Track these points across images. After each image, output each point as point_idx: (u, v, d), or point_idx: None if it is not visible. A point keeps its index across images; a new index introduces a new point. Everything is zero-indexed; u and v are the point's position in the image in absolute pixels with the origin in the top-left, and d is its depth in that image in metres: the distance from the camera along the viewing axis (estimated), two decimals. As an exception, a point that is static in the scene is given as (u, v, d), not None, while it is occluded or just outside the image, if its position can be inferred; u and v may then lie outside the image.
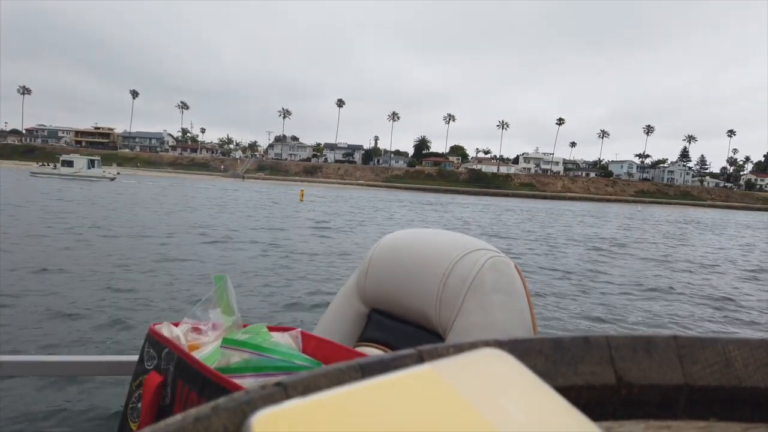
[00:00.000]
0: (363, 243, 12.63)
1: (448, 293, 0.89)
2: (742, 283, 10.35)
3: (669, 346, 0.31)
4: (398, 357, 0.27)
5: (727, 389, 0.30)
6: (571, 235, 19.29)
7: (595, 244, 16.23)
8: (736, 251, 16.86)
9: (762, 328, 6.77)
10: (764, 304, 8.30)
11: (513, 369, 0.24)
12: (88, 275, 7.03)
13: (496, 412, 0.21)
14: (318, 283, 7.47)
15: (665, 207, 74.90)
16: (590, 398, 0.29)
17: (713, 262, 13.61)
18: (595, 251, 14.17)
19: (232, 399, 0.23)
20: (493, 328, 0.84)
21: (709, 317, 7.13)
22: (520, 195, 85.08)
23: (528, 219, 28.12)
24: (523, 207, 44.40)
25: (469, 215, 28.61)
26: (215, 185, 50.48)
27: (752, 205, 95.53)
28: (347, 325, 1.06)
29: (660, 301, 7.99)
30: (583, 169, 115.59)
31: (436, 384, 0.22)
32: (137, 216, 16.06)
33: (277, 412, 0.19)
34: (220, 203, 25.55)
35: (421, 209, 32.44)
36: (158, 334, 0.74)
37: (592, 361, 0.29)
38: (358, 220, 20.15)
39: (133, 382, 0.75)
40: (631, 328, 6.16)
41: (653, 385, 0.29)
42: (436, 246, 0.96)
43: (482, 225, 21.81)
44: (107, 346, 4.43)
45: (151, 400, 0.68)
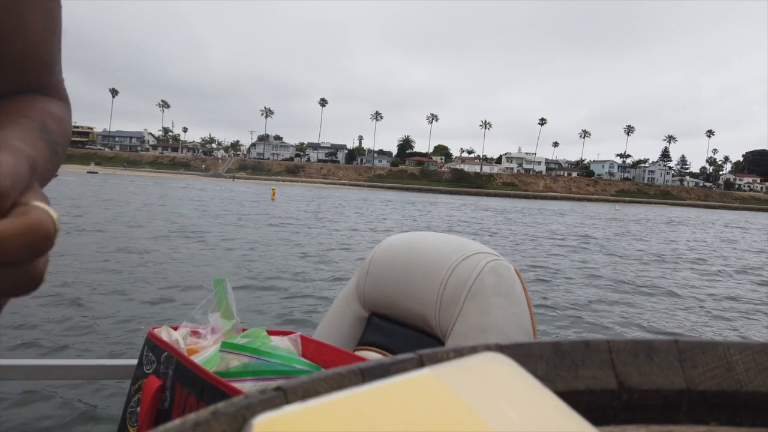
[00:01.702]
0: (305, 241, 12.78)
1: (448, 297, 0.89)
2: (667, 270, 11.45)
3: (670, 350, 0.31)
4: (398, 361, 0.27)
5: (729, 393, 0.30)
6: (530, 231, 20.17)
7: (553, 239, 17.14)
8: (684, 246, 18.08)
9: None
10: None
11: (514, 373, 0.24)
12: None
13: (496, 416, 0.21)
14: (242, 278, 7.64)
15: (644, 206, 75.87)
16: (591, 402, 0.29)
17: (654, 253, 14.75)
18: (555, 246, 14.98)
19: (231, 404, 0.22)
20: (493, 332, 0.84)
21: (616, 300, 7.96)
22: (502, 194, 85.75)
23: (483, 218, 28.99)
24: (498, 206, 44.88)
25: (427, 211, 29.24)
26: (189, 184, 50.19)
27: (730, 205, 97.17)
28: (347, 328, 1.06)
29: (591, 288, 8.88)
30: (565, 169, 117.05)
31: (437, 388, 0.22)
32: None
33: (276, 417, 0.19)
34: (178, 204, 24.84)
35: (402, 207, 32.84)
36: (157, 338, 0.74)
37: (592, 366, 0.29)
38: (328, 218, 20.47)
39: (132, 386, 0.75)
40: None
41: (654, 390, 0.29)
42: (436, 249, 0.96)
43: (429, 220, 22.52)
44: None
45: (149, 405, 0.68)
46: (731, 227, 33.57)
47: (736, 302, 8.40)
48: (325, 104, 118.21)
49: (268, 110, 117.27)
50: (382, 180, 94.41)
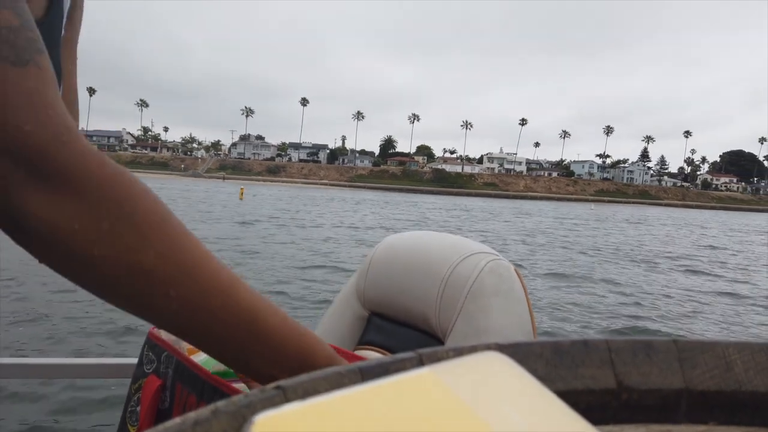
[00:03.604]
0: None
1: (447, 296, 0.89)
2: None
3: (669, 350, 0.31)
4: (398, 360, 0.27)
5: (728, 393, 0.30)
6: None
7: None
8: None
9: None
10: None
11: (513, 373, 0.24)
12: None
13: (496, 415, 0.21)
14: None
15: (622, 206, 76.62)
16: (590, 402, 0.29)
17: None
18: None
19: (231, 402, 0.22)
20: (493, 332, 0.84)
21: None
22: (483, 194, 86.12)
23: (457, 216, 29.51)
24: (474, 205, 45.13)
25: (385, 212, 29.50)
26: (165, 185, 49.68)
27: (706, 204, 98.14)
28: (346, 328, 1.06)
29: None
30: (546, 169, 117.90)
31: (436, 387, 0.22)
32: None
33: (276, 415, 0.19)
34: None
35: (373, 206, 33.11)
36: (157, 337, 0.74)
37: (592, 365, 0.29)
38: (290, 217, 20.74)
39: (132, 385, 0.75)
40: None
41: (654, 389, 0.29)
42: (436, 249, 0.96)
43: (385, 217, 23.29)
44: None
45: (149, 404, 0.68)
46: (691, 225, 34.80)
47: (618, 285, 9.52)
48: (306, 104, 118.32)
49: (249, 110, 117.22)
50: (363, 180, 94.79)
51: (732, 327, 6.88)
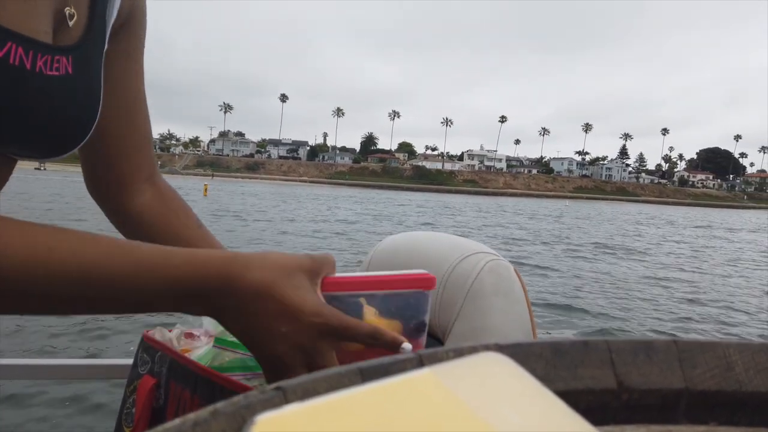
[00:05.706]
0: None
1: (447, 297, 0.89)
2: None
3: (669, 350, 0.31)
4: (398, 361, 0.27)
5: (728, 393, 0.30)
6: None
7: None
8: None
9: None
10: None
11: (513, 373, 0.24)
12: None
13: (496, 416, 0.21)
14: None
15: (599, 202, 77.21)
16: (590, 402, 0.29)
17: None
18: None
19: (231, 403, 0.22)
20: (493, 332, 0.84)
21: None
22: (463, 191, 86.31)
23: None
24: (455, 202, 45.56)
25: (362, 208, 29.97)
26: None
27: (683, 201, 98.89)
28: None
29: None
30: (525, 166, 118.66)
31: (436, 388, 0.22)
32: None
33: (276, 416, 0.19)
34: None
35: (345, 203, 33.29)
36: (151, 339, 0.74)
37: (592, 365, 0.29)
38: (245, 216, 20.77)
39: (128, 387, 0.75)
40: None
41: (654, 390, 0.29)
42: (436, 249, 0.96)
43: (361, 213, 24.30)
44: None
45: (144, 403, 0.67)
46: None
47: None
48: (285, 100, 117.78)
49: (228, 105, 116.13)
50: (343, 177, 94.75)
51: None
